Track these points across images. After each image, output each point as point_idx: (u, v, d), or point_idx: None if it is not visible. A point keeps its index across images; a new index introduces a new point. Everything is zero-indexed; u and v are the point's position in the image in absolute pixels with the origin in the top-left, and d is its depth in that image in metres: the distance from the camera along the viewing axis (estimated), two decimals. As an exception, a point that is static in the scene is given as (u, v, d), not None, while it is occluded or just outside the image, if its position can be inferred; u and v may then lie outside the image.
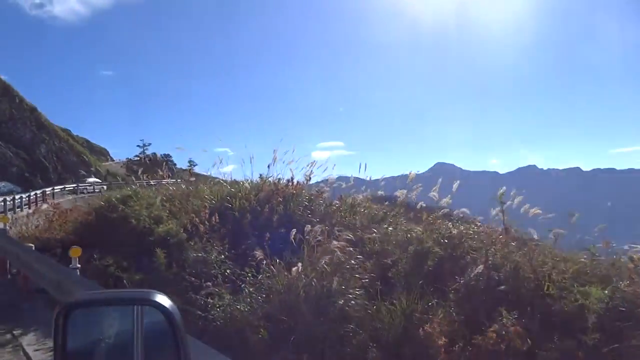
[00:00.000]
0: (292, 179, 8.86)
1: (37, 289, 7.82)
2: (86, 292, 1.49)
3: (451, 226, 6.79)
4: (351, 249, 5.78)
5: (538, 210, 7.05)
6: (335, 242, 5.36)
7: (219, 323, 5.56)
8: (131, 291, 2.67)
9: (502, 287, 4.95)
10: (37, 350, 5.99)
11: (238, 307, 5.47)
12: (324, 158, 10.33)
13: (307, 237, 5.77)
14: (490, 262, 5.30)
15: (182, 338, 1.07)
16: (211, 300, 5.72)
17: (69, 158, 46.05)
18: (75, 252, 6.52)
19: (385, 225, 7.54)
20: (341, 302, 5.02)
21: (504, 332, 4.22)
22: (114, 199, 9.98)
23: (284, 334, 5.20)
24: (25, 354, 5.95)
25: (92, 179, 37.48)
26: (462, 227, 6.78)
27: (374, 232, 7.44)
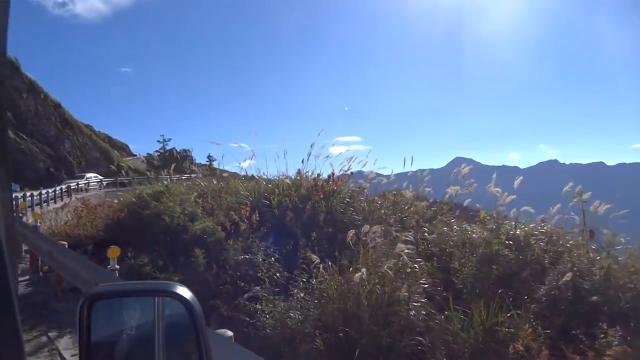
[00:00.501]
0: (333, 174, 8.32)
1: (71, 288, 7.53)
2: (108, 284, 1.70)
3: (515, 226, 6.20)
4: (411, 251, 5.23)
5: (607, 206, 6.39)
6: (401, 245, 4.82)
7: (268, 331, 5.11)
8: (152, 283, 2.70)
9: (594, 297, 4.34)
10: (74, 355, 5.66)
11: (291, 314, 5.00)
12: (340, 152, 9.76)
13: (363, 238, 5.24)
14: (575, 268, 4.69)
15: (203, 329, 1.03)
16: (259, 306, 5.27)
17: (92, 153, 46.45)
18: (114, 252, 6.15)
19: (438, 225, 6.97)
20: (412, 312, 4.48)
21: (608, 352, 3.64)
22: (145, 195, 9.62)
23: (341, 345, 4.73)
24: (63, 359, 5.61)
25: (91, 174, 36.82)
26: (526, 228, 6.19)
27: (426, 232, 6.89)
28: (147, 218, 8.86)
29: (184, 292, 1.04)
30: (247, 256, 6.10)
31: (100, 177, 37.16)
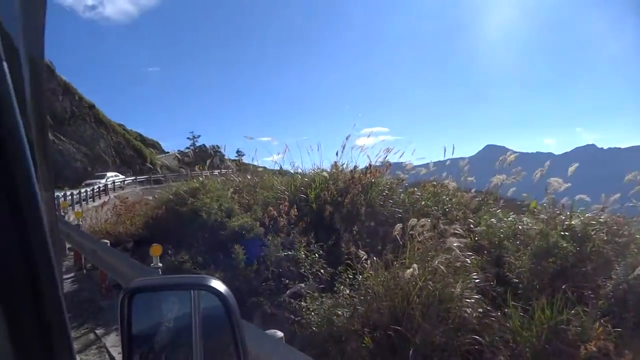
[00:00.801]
0: (370, 165, 8.09)
1: (114, 285, 7.65)
2: (146, 278, 1.79)
3: (570, 216, 5.82)
4: (461, 245, 4.97)
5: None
6: (452, 239, 4.57)
7: (314, 328, 4.98)
8: (188, 276, 2.80)
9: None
10: (121, 353, 5.72)
11: (337, 311, 4.85)
12: (370, 144, 9.50)
13: (410, 231, 5.02)
14: (645, 260, 4.33)
15: (238, 322, 1.03)
16: (304, 303, 5.14)
17: (126, 152, 47.69)
18: (156, 250, 6.16)
19: (485, 216, 6.65)
20: (467, 309, 4.24)
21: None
22: (182, 192, 9.67)
23: (391, 343, 4.55)
24: (111, 357, 5.68)
25: (111, 173, 36.40)
26: (582, 217, 5.80)
27: (471, 223, 6.59)
28: (184, 215, 8.90)
29: (219, 285, 1.05)
30: (289, 252, 5.96)
31: (122, 176, 37.21)
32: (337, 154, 9.87)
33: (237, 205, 8.72)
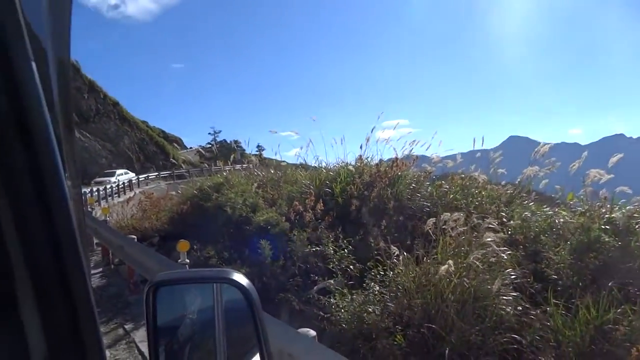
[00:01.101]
0: (397, 158, 7.90)
1: (142, 280, 7.73)
2: (170, 272, 1.48)
3: (611, 209, 5.54)
4: (498, 239, 4.77)
5: None
6: (490, 234, 4.38)
7: (344, 325, 4.88)
8: (211, 270, 2.84)
9: None
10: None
11: (368, 307, 4.73)
12: (393, 136, 9.28)
13: (443, 226, 4.85)
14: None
15: (259, 314, 1.04)
16: (334, 300, 5.04)
17: (150, 148, 48.47)
18: (184, 246, 6.16)
19: (517, 209, 6.40)
20: (505, 307, 4.07)
21: None
22: (206, 187, 9.69)
23: (424, 341, 4.41)
24: (140, 352, 5.72)
25: (121, 171, 35.61)
26: (624, 210, 5.51)
27: (504, 217, 6.35)
28: (209, 210, 8.92)
29: (241, 278, 1.06)
30: (318, 248, 5.87)
31: (132, 173, 36.88)
32: (360, 147, 9.75)
33: (261, 200, 8.68)
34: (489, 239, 4.37)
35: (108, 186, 26.86)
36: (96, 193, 23.61)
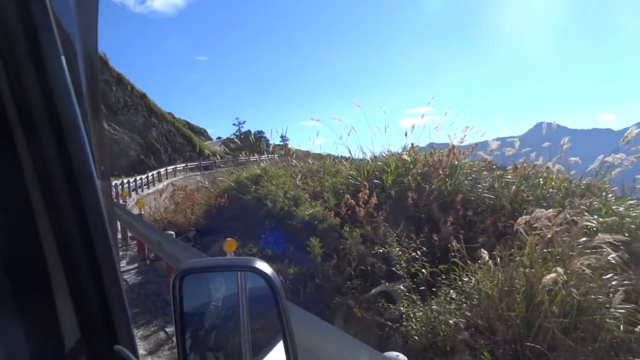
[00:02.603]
0: (454, 146, 7.18)
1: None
2: (195, 260, 1.43)
3: None
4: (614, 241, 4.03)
5: None
6: (603, 236, 3.67)
7: (415, 337, 4.28)
8: (235, 258, 2.98)
9: None
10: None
11: (444, 317, 4.11)
12: (420, 124, 8.53)
13: (534, 224, 4.15)
14: None
15: (283, 302, 1.06)
16: (402, 308, 4.44)
17: (177, 140, 48.75)
18: (231, 245, 5.66)
19: (604, 204, 5.62)
20: (619, 323, 3.38)
21: None
22: (244, 179, 9.19)
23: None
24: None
25: None
26: None
27: (585, 212, 5.57)
28: (248, 203, 8.42)
29: (265, 267, 1.06)
30: (382, 248, 5.25)
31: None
32: (405, 134, 9.08)
33: (303, 193, 8.11)
34: (601, 241, 3.65)
35: (138, 178, 26.92)
36: (126, 185, 23.62)
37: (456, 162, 7.11)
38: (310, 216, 6.87)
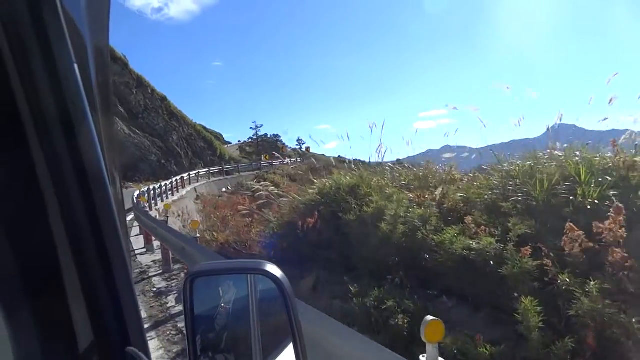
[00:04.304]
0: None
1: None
2: (206, 263, 1.56)
3: None
4: None
5: None
6: None
7: None
8: (245, 261, 2.89)
9: None
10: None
11: None
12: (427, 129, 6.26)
13: None
14: None
15: (293, 305, 1.01)
16: None
17: (198, 144, 46.75)
18: (436, 331, 3.24)
19: None
20: None
21: None
22: (334, 189, 6.80)
23: None
24: None
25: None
26: None
27: None
28: (350, 225, 6.02)
29: (274, 269, 1.01)
30: None
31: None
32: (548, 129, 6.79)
33: (429, 211, 5.70)
34: None
35: (163, 184, 24.81)
36: (152, 192, 21.53)
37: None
38: (480, 252, 4.44)
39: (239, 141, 78.05)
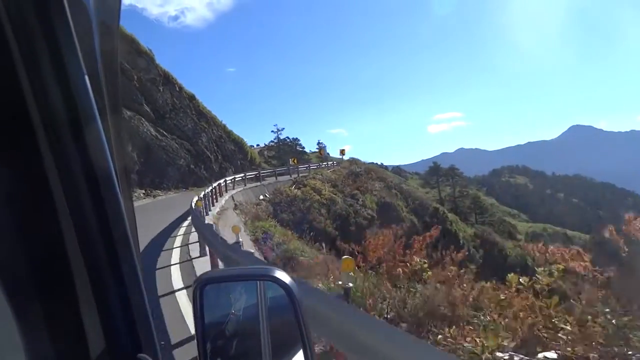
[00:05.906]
0: None
1: None
2: (215, 270, 0.43)
3: None
4: None
5: None
6: None
7: None
8: (254, 268, 2.67)
9: None
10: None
11: None
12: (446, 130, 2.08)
13: None
14: None
15: (302, 312, 1.06)
16: None
17: (227, 146, 43.23)
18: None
19: None
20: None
21: None
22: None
23: None
24: None
25: None
26: None
27: None
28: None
29: (284, 276, 1.07)
30: None
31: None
32: None
33: None
34: None
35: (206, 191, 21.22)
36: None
37: None
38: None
39: (257, 145, 74.50)
